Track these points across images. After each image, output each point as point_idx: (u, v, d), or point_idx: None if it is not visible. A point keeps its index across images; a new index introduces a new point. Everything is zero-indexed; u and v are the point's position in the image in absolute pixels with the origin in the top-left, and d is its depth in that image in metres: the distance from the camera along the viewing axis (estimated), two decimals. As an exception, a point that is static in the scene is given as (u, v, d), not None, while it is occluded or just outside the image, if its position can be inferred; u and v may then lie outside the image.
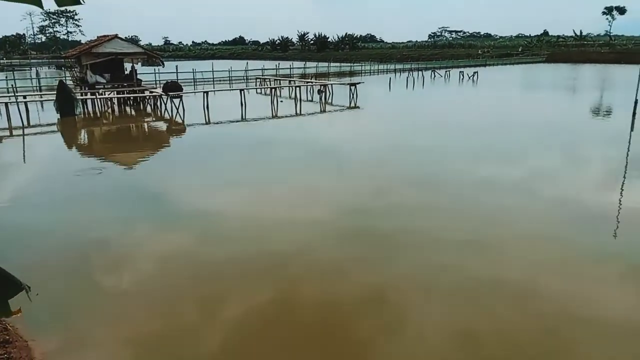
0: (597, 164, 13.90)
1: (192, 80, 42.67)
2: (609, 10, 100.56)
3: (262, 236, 8.32)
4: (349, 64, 68.97)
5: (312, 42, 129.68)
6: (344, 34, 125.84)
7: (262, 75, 46.29)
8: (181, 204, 10.10)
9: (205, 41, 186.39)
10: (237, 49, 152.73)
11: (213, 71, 44.75)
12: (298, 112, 25.35)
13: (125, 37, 29.03)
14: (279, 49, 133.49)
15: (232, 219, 9.22)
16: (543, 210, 9.61)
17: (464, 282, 6.69)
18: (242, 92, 27.37)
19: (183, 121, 22.12)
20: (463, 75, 49.76)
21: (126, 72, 28.71)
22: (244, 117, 23.19)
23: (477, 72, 51.85)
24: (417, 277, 6.91)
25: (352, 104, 27.72)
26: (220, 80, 45.25)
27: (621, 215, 9.30)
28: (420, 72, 54.72)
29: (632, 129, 17.81)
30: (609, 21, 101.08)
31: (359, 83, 32.31)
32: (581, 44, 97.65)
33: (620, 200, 10.22)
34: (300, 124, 22.05)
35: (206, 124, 21.61)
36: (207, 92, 25.94)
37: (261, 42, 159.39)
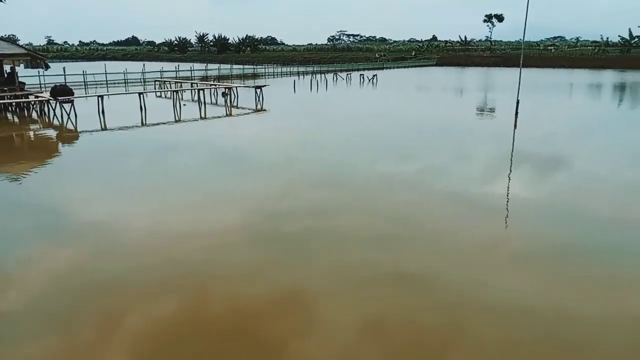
0: (486, 159, 15.18)
1: (83, 83, 39.71)
2: (489, 18, 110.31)
3: (167, 245, 7.99)
4: (252, 66, 68.53)
5: (212, 43, 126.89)
6: (244, 36, 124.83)
7: (161, 78, 44.34)
8: (76, 217, 9.36)
9: (94, 41, 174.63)
10: (131, 49, 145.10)
11: (106, 73, 41.97)
12: (202, 115, 24.68)
13: (1, 37, 26.25)
14: (177, 50, 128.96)
15: (134, 230, 8.74)
16: (440, 204, 10.31)
17: (374, 276, 6.99)
18: (141, 95, 26.01)
19: (75, 128, 20.49)
20: (363, 78, 51.71)
21: (5, 75, 25.94)
22: (144, 122, 22.05)
23: (376, 74, 54.18)
24: (329, 275, 7.05)
25: (259, 107, 27.59)
26: (114, 83, 42.58)
27: (509, 205, 10.27)
28: (323, 75, 55.93)
29: (515, 127, 19.71)
30: (490, 28, 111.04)
31: (265, 86, 32.23)
32: (466, 49, 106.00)
33: (508, 192, 11.26)
34: (205, 127, 21.48)
35: (102, 130, 20.23)
36: (101, 96, 24.30)
37: (157, 42, 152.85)
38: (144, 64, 52.74)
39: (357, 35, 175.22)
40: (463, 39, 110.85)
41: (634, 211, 9.90)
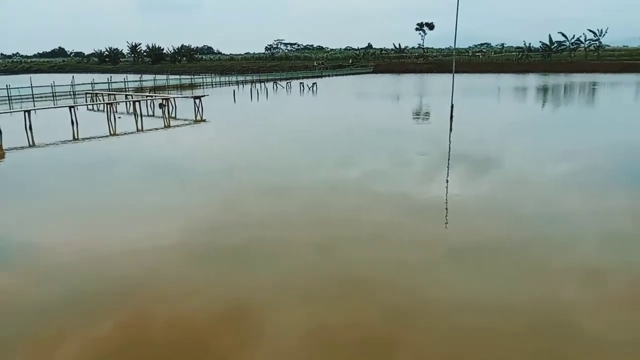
0: (424, 161, 15.75)
1: (7, 97, 37.28)
2: (420, 26, 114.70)
3: (102, 264, 7.71)
4: (189, 76, 67.16)
5: (145, 53, 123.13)
6: (180, 45, 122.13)
7: (93, 90, 42.50)
8: (1, 240, 8.80)
9: (17, 53, 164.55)
10: (58, 61, 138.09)
11: (32, 87, 39.65)
12: (139, 128, 23.88)
13: None
14: (108, 61, 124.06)
15: (66, 250, 8.33)
16: (383, 207, 10.60)
17: (318, 282, 7.09)
18: (72, 109, 24.79)
19: (0, 145, 19.20)
20: (303, 86, 52.09)
21: None
22: (76, 137, 21.04)
23: (315, 82, 54.77)
24: (273, 284, 7.07)
25: (198, 118, 27.08)
26: (41, 97, 40.31)
27: (449, 204, 10.72)
28: (262, 84, 55.82)
29: (450, 130, 20.58)
30: (422, 36, 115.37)
31: (204, 96, 31.71)
32: (401, 56, 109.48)
33: (447, 192, 11.75)
34: (142, 140, 20.80)
35: (30, 146, 19.10)
36: (28, 111, 22.95)
37: (86, 53, 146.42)
38: (72, 76, 50.33)
39: (295, 44, 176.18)
40: (397, 46, 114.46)
41: (559, 205, 10.63)
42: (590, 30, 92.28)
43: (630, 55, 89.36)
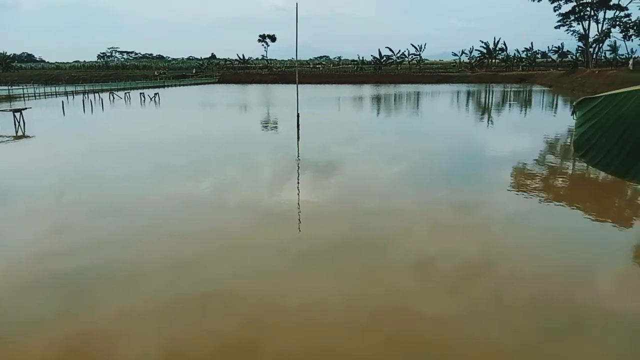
0: (275, 170, 16.07)
1: None
2: (263, 38, 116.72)
3: None
4: (6, 87, 58.69)
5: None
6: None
7: None
8: None
9: None
10: None
11: None
12: (-59, 147, 20.09)
13: None
14: None
15: None
16: (236, 217, 10.54)
17: (174, 302, 6.76)
18: None
19: None
20: (144, 97, 49.16)
21: None
22: None
23: (157, 93, 52.11)
24: (120, 312, 6.53)
25: (20, 133, 23.78)
26: None
27: (301, 209, 11.09)
28: (97, 94, 51.30)
29: (298, 138, 21.30)
30: (265, 47, 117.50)
31: (26, 108, 27.98)
32: (246, 67, 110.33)
33: (298, 198, 12.13)
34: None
35: None
36: None
37: None
38: None
39: (132, 53, 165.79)
40: (241, 57, 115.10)
41: (395, 201, 11.74)
42: (413, 45, 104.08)
43: (445, 68, 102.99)
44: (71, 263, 8.06)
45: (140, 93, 52.15)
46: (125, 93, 54.78)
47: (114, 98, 50.07)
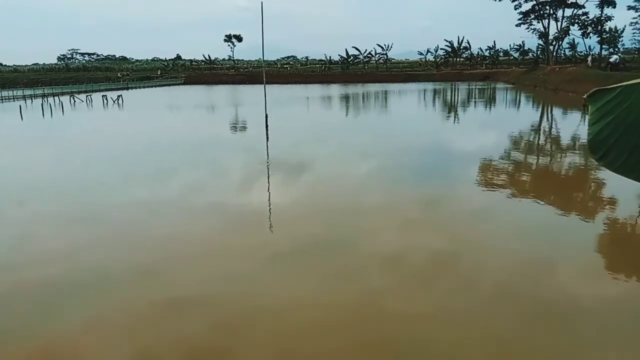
0: (244, 171, 15.91)
1: None
2: (229, 38, 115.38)
3: None
4: (-43, 91, 56.14)
5: None
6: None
7: None
8: None
9: None
10: None
11: None
12: None
13: None
14: None
15: None
16: (207, 220, 10.37)
17: (143, 309, 6.59)
18: None
19: None
20: (107, 99, 47.85)
21: None
22: None
23: (121, 95, 50.82)
24: (93, 317, 6.35)
25: (-26, 139, 22.78)
26: None
27: (272, 209, 11.00)
28: (56, 98, 49.67)
29: (267, 139, 21.15)
30: (231, 47, 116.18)
31: (-21, 113, 26.82)
32: (212, 67, 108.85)
33: (269, 198, 12.03)
34: None
35: None
36: None
37: None
38: None
39: (94, 54, 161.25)
40: (207, 57, 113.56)
41: (365, 199, 11.79)
42: (379, 45, 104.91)
43: (411, 67, 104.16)
44: (33, 273, 7.75)
45: (103, 95, 50.73)
46: (87, 96, 53.22)
47: (75, 101, 48.53)
